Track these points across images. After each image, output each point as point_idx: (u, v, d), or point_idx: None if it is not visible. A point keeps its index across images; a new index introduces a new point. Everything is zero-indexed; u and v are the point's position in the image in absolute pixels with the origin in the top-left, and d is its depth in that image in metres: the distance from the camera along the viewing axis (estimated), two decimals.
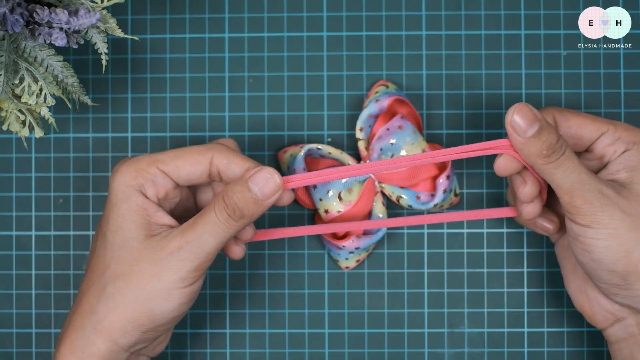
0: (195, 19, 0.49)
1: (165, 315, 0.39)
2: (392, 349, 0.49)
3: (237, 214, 0.38)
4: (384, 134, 0.46)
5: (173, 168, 0.40)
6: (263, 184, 0.39)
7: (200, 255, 0.38)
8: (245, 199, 0.38)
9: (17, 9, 0.38)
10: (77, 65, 0.49)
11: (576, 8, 0.49)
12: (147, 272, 0.38)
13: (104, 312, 0.39)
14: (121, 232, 0.39)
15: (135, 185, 0.39)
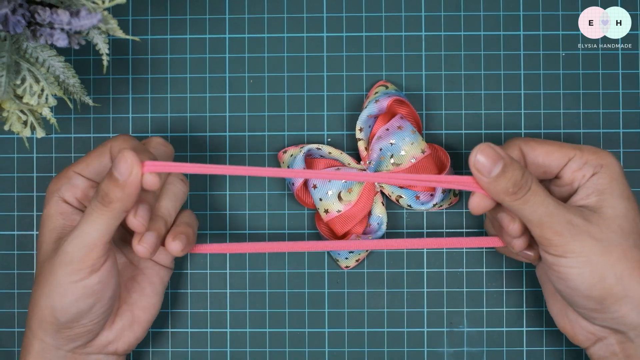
0: (196, 19, 0.49)
1: (65, 311, 0.40)
2: (392, 348, 0.49)
3: (105, 200, 0.39)
4: (383, 134, 0.46)
5: (83, 166, 0.43)
6: (119, 164, 0.38)
7: (81, 247, 0.39)
8: (108, 183, 0.39)
9: (19, 9, 0.38)
10: (78, 65, 0.49)
11: (575, 9, 0.49)
12: (46, 270, 0.40)
13: (30, 315, 0.42)
14: (40, 237, 0.42)
15: (54, 190, 0.42)
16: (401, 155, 0.46)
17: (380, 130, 0.47)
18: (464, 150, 0.49)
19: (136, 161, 0.38)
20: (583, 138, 0.49)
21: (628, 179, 0.48)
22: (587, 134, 0.49)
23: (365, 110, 0.46)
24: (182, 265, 0.49)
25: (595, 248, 0.39)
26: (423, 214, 0.49)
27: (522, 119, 0.49)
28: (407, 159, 0.46)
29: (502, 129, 0.49)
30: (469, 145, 0.49)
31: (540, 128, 0.49)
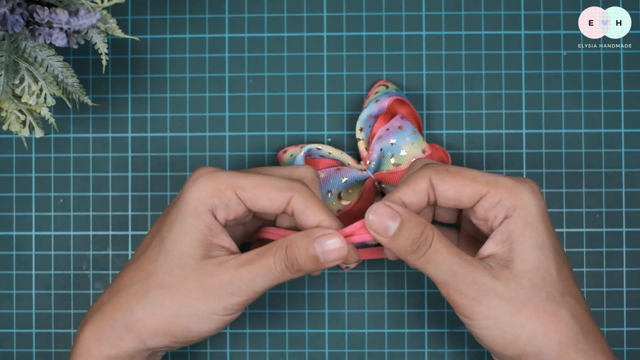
0: (196, 19, 0.49)
1: (201, 335, 0.39)
2: (392, 349, 0.49)
3: (294, 268, 0.38)
4: (384, 134, 0.46)
5: (250, 197, 0.39)
6: (329, 250, 0.38)
7: (248, 294, 0.39)
8: (306, 257, 0.38)
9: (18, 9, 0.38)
10: (77, 65, 0.49)
11: (576, 8, 0.49)
12: (193, 293, 0.38)
13: (140, 315, 0.39)
14: (180, 245, 0.39)
15: (209, 204, 0.39)
16: (402, 155, 0.45)
17: (380, 130, 0.46)
18: (464, 150, 0.49)
19: (346, 251, 0.38)
20: (584, 138, 0.49)
21: (629, 179, 0.48)
22: (588, 134, 0.49)
23: (365, 110, 0.46)
24: None
25: (503, 309, 0.37)
26: None
27: (523, 118, 0.49)
28: (407, 159, 0.45)
29: (503, 129, 0.49)
30: (470, 145, 0.49)
31: (541, 128, 0.49)
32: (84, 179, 0.49)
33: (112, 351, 0.39)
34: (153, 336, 0.39)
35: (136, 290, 0.39)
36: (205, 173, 0.40)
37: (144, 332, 0.39)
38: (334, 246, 0.38)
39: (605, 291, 0.48)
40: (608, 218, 0.48)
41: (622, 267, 0.48)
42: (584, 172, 0.49)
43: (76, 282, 0.49)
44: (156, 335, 0.39)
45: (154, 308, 0.39)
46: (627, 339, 0.48)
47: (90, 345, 0.39)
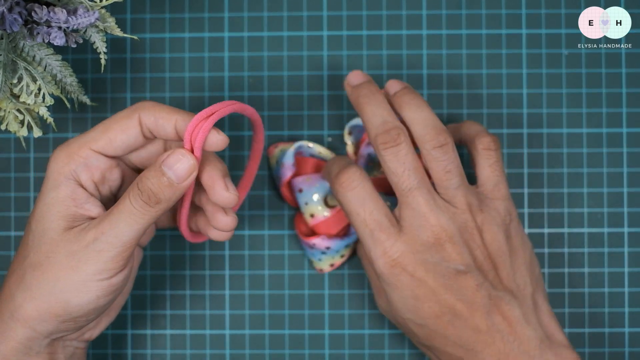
0: (195, 18, 0.49)
1: (83, 307, 0.38)
2: (392, 350, 0.49)
3: (152, 200, 0.37)
4: None
5: (106, 142, 0.39)
6: (176, 165, 0.37)
7: (117, 245, 0.37)
8: (159, 184, 0.37)
9: (16, 7, 0.38)
10: (75, 64, 0.49)
11: (577, 7, 0.49)
12: (63, 264, 0.38)
13: (20, 301, 0.38)
14: (43, 221, 0.38)
15: (67, 172, 0.38)
16: None
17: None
18: (464, 150, 0.49)
19: (194, 162, 0.37)
20: (586, 138, 0.48)
21: (631, 179, 0.48)
22: (590, 134, 0.48)
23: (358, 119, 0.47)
24: (181, 266, 0.49)
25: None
26: None
27: (525, 118, 0.49)
28: None
29: (505, 128, 0.49)
30: None
31: (542, 127, 0.48)
32: None
33: (6, 345, 0.38)
34: (39, 320, 0.38)
35: (15, 277, 0.39)
36: (58, 147, 0.39)
37: (28, 317, 0.38)
38: (180, 159, 0.37)
39: (606, 292, 0.48)
40: (610, 218, 0.48)
41: (623, 268, 0.48)
42: (585, 172, 0.48)
43: None
44: (41, 318, 0.38)
45: (32, 291, 0.38)
46: (629, 340, 0.48)
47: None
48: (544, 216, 0.48)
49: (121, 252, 0.37)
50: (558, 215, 0.48)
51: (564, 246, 0.48)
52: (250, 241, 0.49)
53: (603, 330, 0.48)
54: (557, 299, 0.48)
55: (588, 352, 0.48)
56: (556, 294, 0.48)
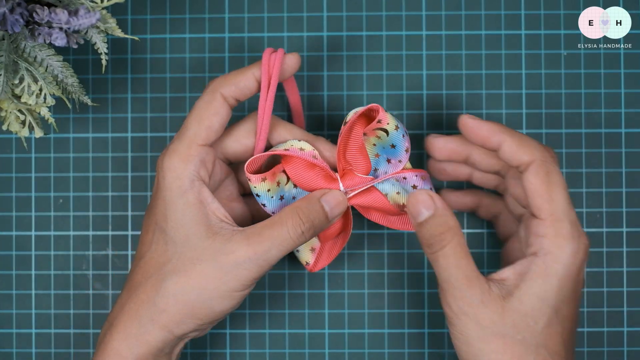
0: (195, 19, 0.49)
1: (224, 313, 0.40)
2: (392, 349, 0.49)
3: (310, 232, 0.40)
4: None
5: (207, 132, 0.40)
6: (335, 205, 0.41)
7: (264, 267, 0.39)
8: (320, 217, 0.40)
9: (17, 8, 0.38)
10: (77, 65, 0.49)
11: (576, 8, 0.49)
12: (210, 274, 0.39)
13: (162, 306, 0.39)
14: (183, 229, 0.40)
15: (189, 174, 0.40)
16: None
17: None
18: None
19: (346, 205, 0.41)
20: (585, 138, 0.49)
21: (629, 179, 0.48)
22: (589, 134, 0.49)
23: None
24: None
25: (476, 333, 0.38)
26: None
27: (524, 118, 0.49)
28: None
29: None
30: None
31: (541, 128, 0.49)
32: (83, 179, 0.49)
33: (142, 349, 0.39)
34: (179, 323, 0.40)
35: (153, 283, 0.40)
36: (164, 157, 0.40)
37: (170, 321, 0.39)
38: (339, 200, 0.41)
39: (605, 291, 0.48)
40: (608, 218, 0.48)
41: (622, 267, 0.48)
42: (584, 172, 0.49)
43: (76, 282, 0.49)
44: (182, 322, 0.40)
45: (175, 296, 0.39)
46: (628, 339, 0.48)
47: (118, 346, 0.40)
48: None
49: (265, 272, 0.40)
50: None
51: None
52: None
53: (602, 329, 0.48)
54: None
55: (587, 352, 0.48)
56: None
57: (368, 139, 0.43)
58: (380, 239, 0.49)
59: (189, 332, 0.40)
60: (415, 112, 0.49)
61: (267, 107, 0.41)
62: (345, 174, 0.42)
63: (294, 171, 0.42)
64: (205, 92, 0.41)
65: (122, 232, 0.49)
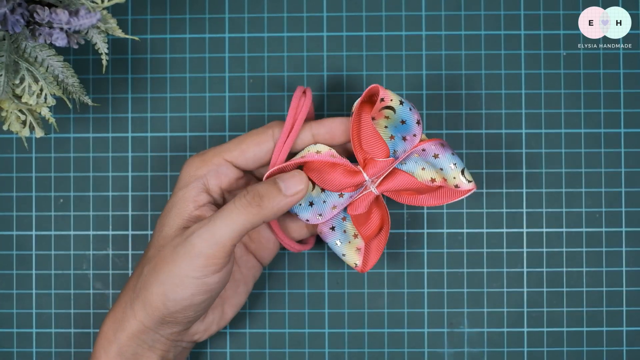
0: (196, 19, 0.49)
1: (178, 303, 0.39)
2: (392, 349, 0.49)
3: (255, 200, 0.39)
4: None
5: (238, 153, 0.41)
6: (289, 179, 0.40)
7: (211, 243, 0.38)
8: (268, 188, 0.40)
9: (18, 9, 0.38)
10: (77, 65, 0.49)
11: (576, 8, 0.49)
12: (167, 258, 0.39)
13: (137, 292, 0.40)
14: (165, 218, 0.41)
15: (198, 175, 0.41)
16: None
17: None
18: (464, 150, 0.49)
19: (307, 182, 0.40)
20: (584, 138, 0.49)
21: (628, 179, 0.48)
22: (588, 134, 0.49)
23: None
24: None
25: None
26: (423, 214, 0.49)
27: (523, 118, 0.49)
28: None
29: (503, 129, 0.49)
30: (469, 145, 0.49)
31: (541, 128, 0.49)
32: (84, 178, 0.49)
33: (123, 333, 0.41)
34: (144, 312, 0.40)
35: (137, 270, 0.41)
36: (193, 155, 0.42)
37: (139, 309, 0.40)
38: (294, 175, 0.41)
39: (604, 291, 0.49)
40: (607, 218, 0.49)
41: (621, 267, 0.48)
42: (583, 172, 0.49)
43: (76, 281, 0.49)
44: (145, 310, 0.40)
45: (144, 283, 0.40)
46: (627, 338, 0.48)
47: (107, 330, 0.41)
48: (542, 216, 0.49)
49: (217, 251, 0.39)
50: (557, 214, 0.49)
51: (562, 246, 0.49)
52: None
53: (601, 329, 0.48)
54: (556, 298, 0.49)
55: (586, 351, 0.48)
56: (554, 293, 0.49)
57: (378, 122, 0.43)
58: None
59: (160, 328, 0.40)
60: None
61: (286, 146, 0.42)
62: (367, 163, 0.42)
63: (317, 175, 0.42)
64: (263, 126, 0.43)
65: (123, 232, 0.49)
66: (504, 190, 0.49)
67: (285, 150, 0.42)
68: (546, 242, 0.49)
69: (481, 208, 0.49)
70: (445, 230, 0.49)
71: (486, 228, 0.49)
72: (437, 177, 0.43)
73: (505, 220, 0.49)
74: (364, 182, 0.43)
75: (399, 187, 0.43)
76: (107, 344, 0.41)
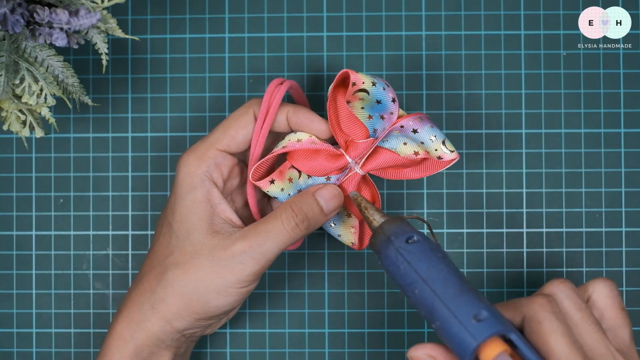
0: (196, 19, 0.49)
1: (220, 309, 0.41)
2: (392, 349, 0.49)
3: (304, 224, 0.40)
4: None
5: (229, 140, 0.42)
6: (329, 199, 0.42)
7: (261, 261, 0.40)
8: (314, 210, 0.41)
9: (18, 9, 0.38)
10: (77, 65, 0.49)
11: (576, 8, 0.49)
12: (207, 268, 0.40)
13: (162, 295, 0.40)
14: (186, 223, 0.41)
15: (200, 174, 0.41)
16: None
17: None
18: (464, 150, 0.49)
19: (342, 199, 0.42)
20: (584, 138, 0.49)
21: (628, 179, 0.48)
22: (588, 134, 0.49)
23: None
24: None
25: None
26: (424, 214, 0.49)
27: (523, 118, 0.49)
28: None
29: (503, 129, 0.49)
30: (469, 145, 0.49)
31: (540, 128, 0.49)
32: (84, 178, 0.49)
33: (142, 334, 0.41)
34: (176, 315, 0.40)
35: (155, 273, 0.41)
36: (183, 154, 0.42)
37: (167, 311, 0.40)
38: (334, 194, 0.42)
39: None
40: (607, 218, 0.49)
41: (621, 267, 0.49)
42: (583, 172, 0.49)
43: (76, 281, 0.49)
44: (179, 314, 0.40)
45: (173, 287, 0.40)
46: None
47: (122, 330, 0.41)
48: (542, 216, 0.49)
49: (263, 267, 0.40)
50: (556, 214, 0.49)
51: (562, 246, 0.49)
52: None
53: None
54: None
55: None
56: None
57: (354, 104, 0.43)
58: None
59: (188, 328, 0.41)
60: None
61: (262, 135, 0.42)
62: (349, 145, 0.43)
63: (300, 163, 0.43)
64: (241, 106, 0.42)
65: (123, 232, 0.49)
66: (504, 191, 0.49)
67: (263, 135, 0.42)
68: (546, 242, 0.49)
69: (481, 208, 0.49)
70: (445, 230, 0.49)
71: (486, 228, 0.49)
72: (420, 150, 0.43)
73: (505, 220, 0.49)
74: (348, 165, 0.43)
75: (382, 164, 0.43)
76: (123, 344, 0.41)
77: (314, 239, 0.49)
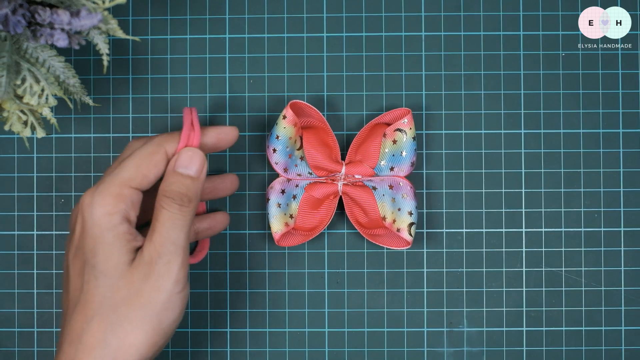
0: (196, 19, 0.49)
1: (172, 326, 0.39)
2: (392, 348, 0.49)
3: (185, 200, 0.40)
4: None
5: (142, 179, 0.40)
6: (188, 163, 0.41)
7: (178, 252, 0.39)
8: (184, 183, 0.40)
9: (19, 10, 0.38)
10: (78, 65, 0.49)
11: (575, 9, 0.49)
12: (144, 290, 0.39)
13: (117, 342, 0.38)
14: (111, 260, 0.39)
15: (118, 211, 0.39)
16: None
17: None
18: (463, 150, 0.49)
19: (203, 154, 0.41)
20: (583, 138, 0.49)
21: (627, 179, 0.48)
22: (587, 134, 0.49)
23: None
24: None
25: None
26: (423, 214, 0.49)
27: (522, 119, 0.49)
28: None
29: (502, 129, 0.49)
30: (469, 146, 0.49)
31: (540, 128, 0.49)
32: (85, 178, 0.49)
33: None
34: (138, 355, 0.38)
35: (98, 324, 0.39)
36: (92, 193, 0.40)
37: (129, 355, 0.38)
38: (190, 156, 0.41)
39: (603, 290, 0.49)
40: (606, 218, 0.49)
41: (620, 267, 0.49)
42: (582, 172, 0.49)
43: None
44: (140, 352, 0.38)
45: (124, 329, 0.38)
46: (625, 338, 0.48)
47: None
48: (541, 215, 0.49)
49: (183, 258, 0.39)
50: (555, 214, 0.49)
51: (561, 245, 0.49)
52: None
53: (600, 328, 0.49)
54: (555, 297, 0.49)
55: (585, 350, 0.49)
56: (553, 292, 0.49)
57: (385, 141, 0.47)
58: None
59: (153, 355, 0.40)
60: (415, 113, 0.49)
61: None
62: (350, 162, 0.47)
63: (309, 140, 0.46)
64: (149, 143, 0.41)
65: None
66: (503, 190, 0.49)
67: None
68: (545, 242, 0.49)
69: (480, 208, 0.49)
70: (445, 230, 0.49)
71: (485, 228, 0.49)
72: (389, 218, 0.46)
73: (505, 220, 0.49)
74: (337, 174, 0.47)
75: (358, 198, 0.46)
76: None
77: (314, 239, 0.49)
